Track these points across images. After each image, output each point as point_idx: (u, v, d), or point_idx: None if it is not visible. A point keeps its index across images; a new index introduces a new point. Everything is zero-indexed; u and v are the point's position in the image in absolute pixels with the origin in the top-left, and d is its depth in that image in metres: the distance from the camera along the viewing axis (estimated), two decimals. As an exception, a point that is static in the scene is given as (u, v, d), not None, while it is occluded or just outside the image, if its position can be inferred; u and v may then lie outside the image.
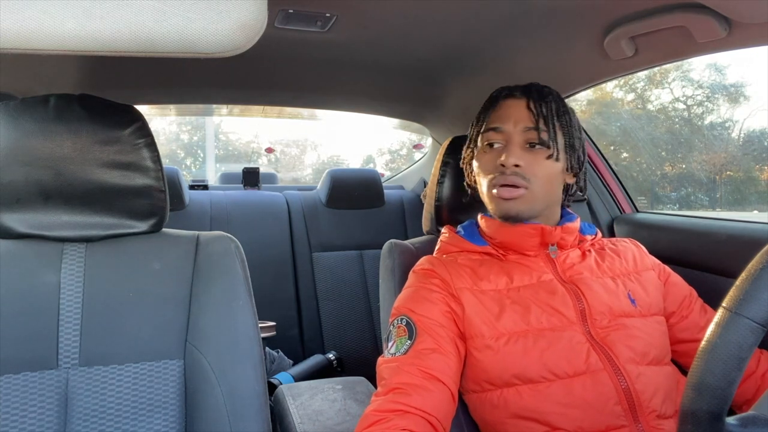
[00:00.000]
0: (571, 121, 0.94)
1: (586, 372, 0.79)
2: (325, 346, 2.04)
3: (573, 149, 0.93)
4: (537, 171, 0.89)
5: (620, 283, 0.91)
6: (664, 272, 0.98)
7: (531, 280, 0.89)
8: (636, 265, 0.96)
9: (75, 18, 0.46)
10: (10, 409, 0.76)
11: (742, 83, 3.91)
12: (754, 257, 0.51)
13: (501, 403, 0.82)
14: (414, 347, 0.81)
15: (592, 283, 0.89)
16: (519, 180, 0.89)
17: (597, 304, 0.86)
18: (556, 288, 0.87)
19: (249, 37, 0.50)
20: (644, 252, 1.00)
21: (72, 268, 0.82)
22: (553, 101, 0.93)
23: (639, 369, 0.81)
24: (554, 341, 0.81)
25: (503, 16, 1.12)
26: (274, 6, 1.08)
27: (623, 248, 0.98)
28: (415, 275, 0.94)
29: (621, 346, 0.82)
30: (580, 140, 0.95)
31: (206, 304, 0.85)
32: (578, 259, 0.93)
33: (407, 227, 2.27)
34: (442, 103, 1.82)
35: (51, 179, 0.80)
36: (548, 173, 0.90)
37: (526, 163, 0.89)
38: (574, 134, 0.93)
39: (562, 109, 0.94)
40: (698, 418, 0.49)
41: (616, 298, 0.88)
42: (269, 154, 8.30)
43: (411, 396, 0.75)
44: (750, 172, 3.60)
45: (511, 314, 0.84)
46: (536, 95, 0.93)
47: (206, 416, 0.81)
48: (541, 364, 0.80)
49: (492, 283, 0.88)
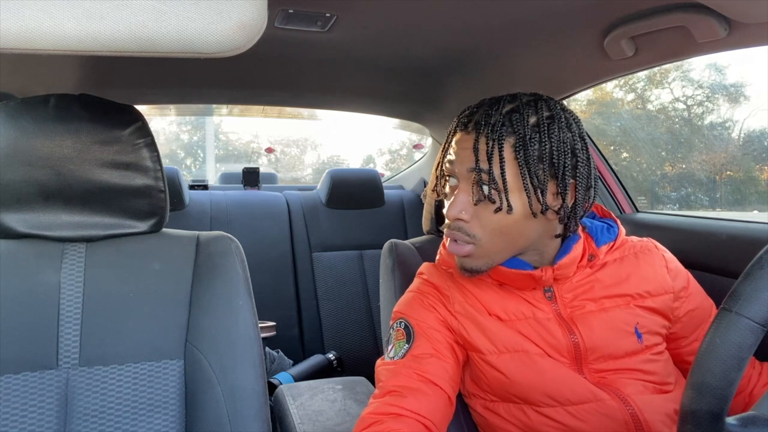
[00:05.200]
0: (550, 147, 0.76)
1: (592, 401, 0.77)
2: (325, 346, 2.04)
3: (544, 181, 0.76)
4: (485, 225, 0.78)
5: (629, 312, 0.82)
6: (685, 299, 0.86)
7: (526, 314, 0.82)
8: (652, 286, 0.84)
9: (75, 18, 0.46)
10: (10, 409, 0.76)
11: (742, 83, 3.92)
12: (754, 257, 0.51)
13: (507, 415, 0.82)
14: (411, 351, 0.81)
15: (594, 321, 0.81)
16: (462, 236, 0.79)
17: (596, 347, 0.80)
18: (553, 329, 0.81)
19: (249, 37, 0.50)
20: (665, 266, 0.87)
21: (72, 268, 0.82)
22: (516, 128, 0.76)
23: (645, 398, 0.78)
24: (553, 372, 0.79)
25: (503, 16, 1.12)
26: (274, 6, 1.08)
27: (644, 258, 0.86)
28: (417, 280, 0.92)
29: (622, 383, 0.79)
30: (570, 164, 0.77)
31: (206, 304, 0.85)
32: (585, 285, 0.84)
33: (407, 227, 2.27)
34: (442, 103, 1.82)
35: (51, 179, 0.80)
36: (500, 226, 0.77)
37: (470, 216, 0.78)
38: (561, 160, 0.77)
39: (532, 133, 0.76)
40: (698, 418, 0.49)
41: (620, 336, 0.80)
42: (269, 154, 8.30)
43: (406, 399, 0.75)
44: (750, 172, 3.60)
45: (509, 339, 0.81)
46: (490, 127, 0.76)
47: (206, 416, 0.81)
48: (541, 391, 0.79)
49: (487, 309, 0.84)
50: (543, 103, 0.79)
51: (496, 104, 0.79)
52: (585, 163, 0.79)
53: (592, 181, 0.81)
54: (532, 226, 0.79)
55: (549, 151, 0.76)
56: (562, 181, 0.77)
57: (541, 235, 0.81)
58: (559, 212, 0.79)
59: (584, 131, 0.81)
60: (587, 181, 0.79)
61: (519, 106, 0.78)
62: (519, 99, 0.79)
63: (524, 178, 0.76)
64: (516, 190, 0.76)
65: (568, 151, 0.77)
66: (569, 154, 0.77)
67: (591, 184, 0.81)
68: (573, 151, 0.78)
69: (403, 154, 9.81)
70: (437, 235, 1.20)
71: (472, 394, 0.87)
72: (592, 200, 0.83)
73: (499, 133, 0.76)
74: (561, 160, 0.77)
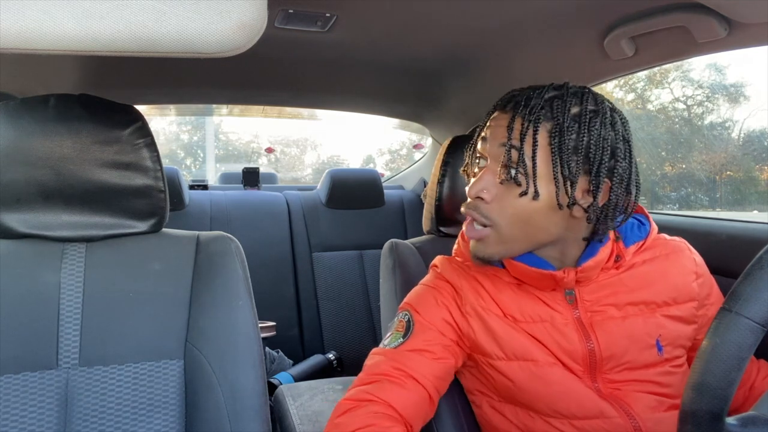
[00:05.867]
0: (588, 140, 0.72)
1: (599, 417, 0.76)
2: (325, 346, 2.04)
3: (576, 174, 0.72)
4: (505, 209, 0.74)
5: (652, 322, 0.78)
6: (709, 307, 0.83)
7: (543, 318, 0.79)
8: (679, 292, 0.81)
9: (75, 18, 0.46)
10: (10, 409, 0.76)
11: (742, 83, 3.91)
12: (754, 257, 0.51)
13: (513, 418, 0.82)
14: (404, 345, 0.80)
15: (614, 328, 0.78)
16: (479, 217, 0.76)
17: (613, 356, 0.77)
18: (569, 334, 0.78)
19: (249, 37, 0.50)
20: (695, 271, 0.83)
21: (72, 268, 0.82)
22: (555, 114, 0.73)
23: (656, 416, 0.76)
24: (561, 385, 0.77)
25: (503, 16, 1.12)
26: (274, 6, 1.08)
27: (675, 260, 0.82)
28: (431, 273, 0.90)
29: (635, 397, 0.77)
30: (607, 163, 0.73)
31: (206, 304, 0.85)
32: (608, 288, 0.80)
33: (407, 227, 2.27)
34: (442, 103, 1.82)
35: (51, 179, 0.80)
36: (521, 213, 0.74)
37: (492, 197, 0.75)
38: (598, 156, 0.72)
39: (572, 123, 0.72)
40: (698, 418, 0.49)
41: (641, 347, 0.77)
42: (269, 154, 8.30)
43: (383, 388, 0.75)
44: (750, 172, 3.60)
45: (519, 345, 0.79)
46: (529, 108, 0.74)
47: (206, 416, 0.81)
48: (547, 403, 0.78)
49: (502, 309, 0.81)
50: (590, 96, 0.75)
51: (540, 89, 0.76)
52: (625, 166, 0.74)
53: (631, 186, 0.75)
54: (555, 219, 0.75)
55: (586, 144, 0.72)
56: (595, 178, 0.73)
57: (562, 233, 0.77)
58: (588, 211, 0.74)
59: (630, 134, 0.77)
60: (625, 185, 0.75)
61: (563, 94, 0.75)
62: (565, 88, 0.76)
63: (555, 167, 0.72)
64: (544, 177, 0.72)
65: (607, 148, 0.73)
66: (608, 153, 0.73)
67: (629, 190, 0.75)
68: (613, 151, 0.74)
69: (403, 154, 9.81)
70: (437, 235, 1.20)
71: (479, 391, 0.87)
72: (631, 209, 0.77)
73: (537, 116, 0.73)
74: (598, 156, 0.72)
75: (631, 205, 0.77)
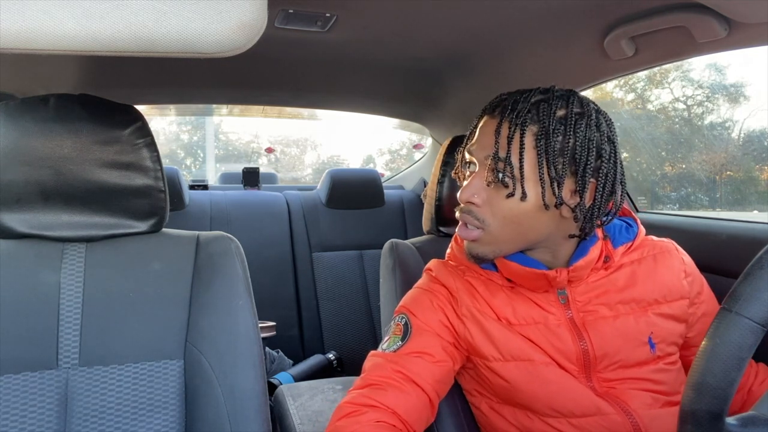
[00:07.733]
0: (574, 142, 0.74)
1: (596, 414, 0.77)
2: (325, 346, 2.04)
3: (562, 174, 0.74)
4: (496, 211, 0.77)
5: (643, 320, 0.80)
6: (699, 305, 0.85)
7: (537, 320, 0.81)
8: (669, 291, 0.82)
9: (75, 18, 0.46)
10: (10, 409, 0.76)
11: (742, 83, 3.91)
12: (754, 257, 0.51)
13: (512, 419, 0.82)
14: (402, 349, 0.80)
15: (606, 328, 0.79)
16: (471, 220, 0.78)
17: (606, 355, 0.79)
18: (563, 334, 0.80)
19: (249, 37, 0.50)
20: (684, 270, 0.85)
21: (72, 268, 0.82)
22: (541, 117, 0.75)
23: (652, 412, 0.77)
24: (558, 384, 0.78)
25: (503, 16, 1.12)
26: (274, 6, 1.08)
27: (663, 261, 0.84)
28: (426, 277, 0.91)
29: (630, 394, 0.78)
30: (593, 164, 0.76)
31: (206, 304, 0.85)
32: (599, 288, 0.82)
33: (407, 227, 2.27)
34: (442, 103, 1.82)
35: (51, 179, 0.80)
36: (511, 214, 0.76)
37: (482, 201, 0.77)
38: (583, 157, 0.75)
39: (557, 125, 0.75)
40: (698, 418, 0.49)
41: (633, 345, 0.79)
42: (269, 154, 8.30)
43: (385, 393, 0.75)
44: (750, 172, 3.60)
45: (515, 347, 0.80)
46: (516, 113, 0.76)
47: (206, 416, 0.81)
48: (544, 402, 0.78)
49: (496, 312, 0.82)
50: (576, 99, 0.78)
51: (527, 93, 0.78)
52: (610, 166, 0.76)
53: (616, 186, 0.78)
54: (544, 219, 0.77)
55: (572, 146, 0.74)
56: (581, 179, 0.75)
57: (553, 232, 0.79)
58: (575, 210, 0.77)
59: (615, 135, 0.79)
60: (610, 185, 0.77)
61: (549, 98, 0.77)
62: (551, 91, 0.78)
63: (541, 169, 0.74)
64: (531, 178, 0.75)
65: (593, 149, 0.75)
66: (593, 154, 0.75)
67: (614, 189, 0.78)
68: (598, 152, 0.76)
69: (403, 154, 9.81)
70: (437, 235, 1.20)
71: (477, 393, 0.87)
72: (617, 206, 0.80)
73: (524, 119, 0.75)
74: (583, 157, 0.74)
75: (617, 203, 0.79)
